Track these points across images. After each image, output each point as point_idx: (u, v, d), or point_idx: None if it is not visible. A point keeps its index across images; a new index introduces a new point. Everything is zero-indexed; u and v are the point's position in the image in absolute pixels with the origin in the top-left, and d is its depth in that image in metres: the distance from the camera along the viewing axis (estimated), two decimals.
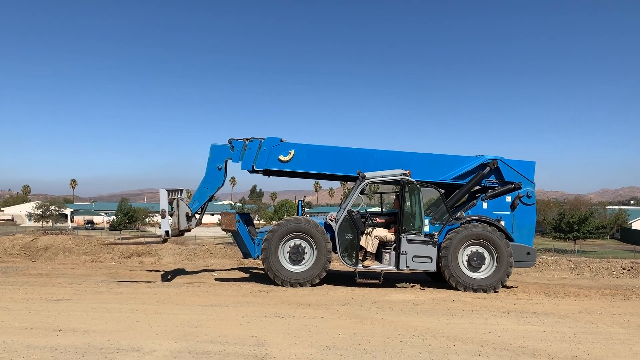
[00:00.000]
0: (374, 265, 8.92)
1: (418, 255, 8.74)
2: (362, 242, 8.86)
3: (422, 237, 8.75)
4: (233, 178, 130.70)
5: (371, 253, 8.91)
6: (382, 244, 8.96)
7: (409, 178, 8.86)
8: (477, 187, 9.84)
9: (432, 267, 8.80)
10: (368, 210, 9.87)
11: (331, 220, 9.02)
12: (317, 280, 8.70)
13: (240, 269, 11.58)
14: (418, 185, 8.85)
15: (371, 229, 8.97)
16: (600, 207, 59.68)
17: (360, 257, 8.89)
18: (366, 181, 8.92)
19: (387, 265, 8.85)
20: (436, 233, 8.81)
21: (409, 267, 8.78)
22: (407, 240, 8.71)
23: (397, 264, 8.75)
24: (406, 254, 8.71)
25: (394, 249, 8.80)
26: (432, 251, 8.75)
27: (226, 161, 9.65)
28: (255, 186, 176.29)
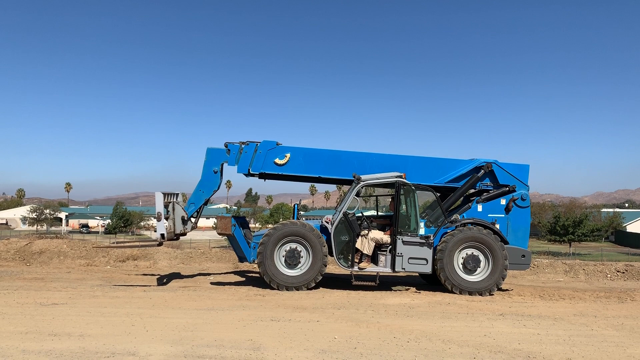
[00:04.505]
0: (369, 268, 8.93)
1: (414, 257, 8.76)
2: (358, 245, 8.88)
3: (417, 239, 8.77)
4: (229, 181, 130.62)
5: (367, 255, 8.92)
6: (378, 246, 8.98)
7: (404, 180, 8.90)
8: (471, 190, 9.89)
9: (427, 268, 8.82)
10: (364, 213, 9.90)
11: (327, 223, 9.04)
12: (313, 284, 8.70)
13: (236, 273, 11.56)
14: (413, 187, 8.89)
15: (367, 231, 8.99)
16: (595, 209, 60.01)
17: (356, 260, 8.91)
18: (362, 183, 8.95)
19: (383, 268, 8.87)
20: (432, 235, 8.84)
21: (404, 269, 8.79)
22: (403, 242, 8.73)
23: (392, 266, 8.76)
24: (402, 256, 8.73)
25: (390, 251, 8.82)
26: (427, 253, 8.78)
27: (222, 164, 9.66)
28: (250, 189, 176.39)
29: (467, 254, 8.85)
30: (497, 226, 9.24)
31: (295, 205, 10.22)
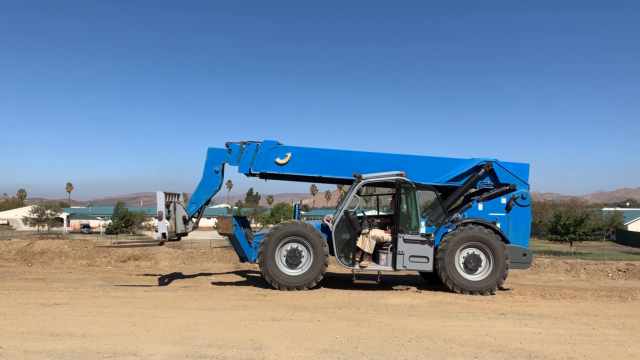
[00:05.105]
0: (370, 266, 8.93)
1: (415, 255, 8.76)
2: (359, 243, 8.87)
3: (418, 237, 8.78)
4: (230, 181, 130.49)
5: (368, 253, 8.92)
6: (379, 245, 8.98)
7: (405, 178, 8.90)
8: (472, 190, 9.89)
9: (429, 266, 8.81)
10: (365, 212, 9.90)
11: (328, 221, 9.05)
12: (314, 284, 8.70)
13: (237, 273, 11.57)
14: (414, 185, 8.89)
15: (368, 230, 8.99)
16: (596, 209, 59.78)
17: (357, 258, 8.91)
18: (362, 182, 8.96)
19: (384, 266, 8.86)
20: (433, 233, 8.84)
21: (405, 267, 8.79)
22: (404, 240, 8.73)
23: (394, 264, 8.76)
24: (403, 254, 8.72)
25: (391, 249, 8.82)
26: (428, 251, 8.77)
27: (223, 164, 9.67)
28: (251, 189, 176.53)
29: (468, 254, 8.84)
30: (498, 225, 9.24)
31: (296, 205, 10.22)
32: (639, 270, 12.10)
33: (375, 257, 9.04)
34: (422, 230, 8.91)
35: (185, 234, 9.76)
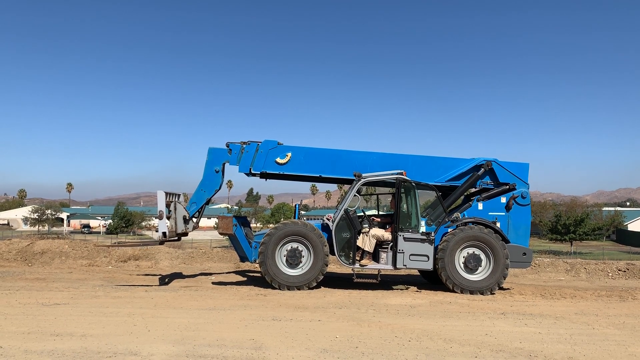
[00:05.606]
0: (371, 265, 8.94)
1: (415, 254, 8.76)
2: (359, 242, 8.88)
3: (418, 236, 8.79)
4: (230, 181, 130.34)
5: (368, 252, 8.93)
6: (379, 244, 8.98)
7: (405, 177, 8.91)
8: (472, 189, 9.90)
9: (429, 265, 8.82)
10: (365, 212, 9.91)
11: (328, 220, 9.05)
12: (315, 284, 8.71)
13: (237, 273, 11.58)
14: (414, 184, 8.90)
15: (368, 229, 9.00)
16: (596, 208, 59.78)
17: (358, 257, 8.92)
18: (362, 180, 8.97)
19: (384, 265, 8.87)
20: (433, 232, 8.85)
21: (406, 265, 8.79)
22: (404, 238, 8.73)
23: (394, 263, 8.77)
24: (403, 253, 8.73)
25: (391, 248, 8.82)
26: (428, 249, 8.78)
27: (224, 164, 9.68)
28: (252, 189, 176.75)
29: (468, 253, 8.85)
30: (498, 224, 9.25)
31: (297, 205, 10.23)
32: (639, 270, 12.10)
33: (375, 256, 9.05)
34: (422, 229, 8.93)
35: (186, 234, 9.77)
